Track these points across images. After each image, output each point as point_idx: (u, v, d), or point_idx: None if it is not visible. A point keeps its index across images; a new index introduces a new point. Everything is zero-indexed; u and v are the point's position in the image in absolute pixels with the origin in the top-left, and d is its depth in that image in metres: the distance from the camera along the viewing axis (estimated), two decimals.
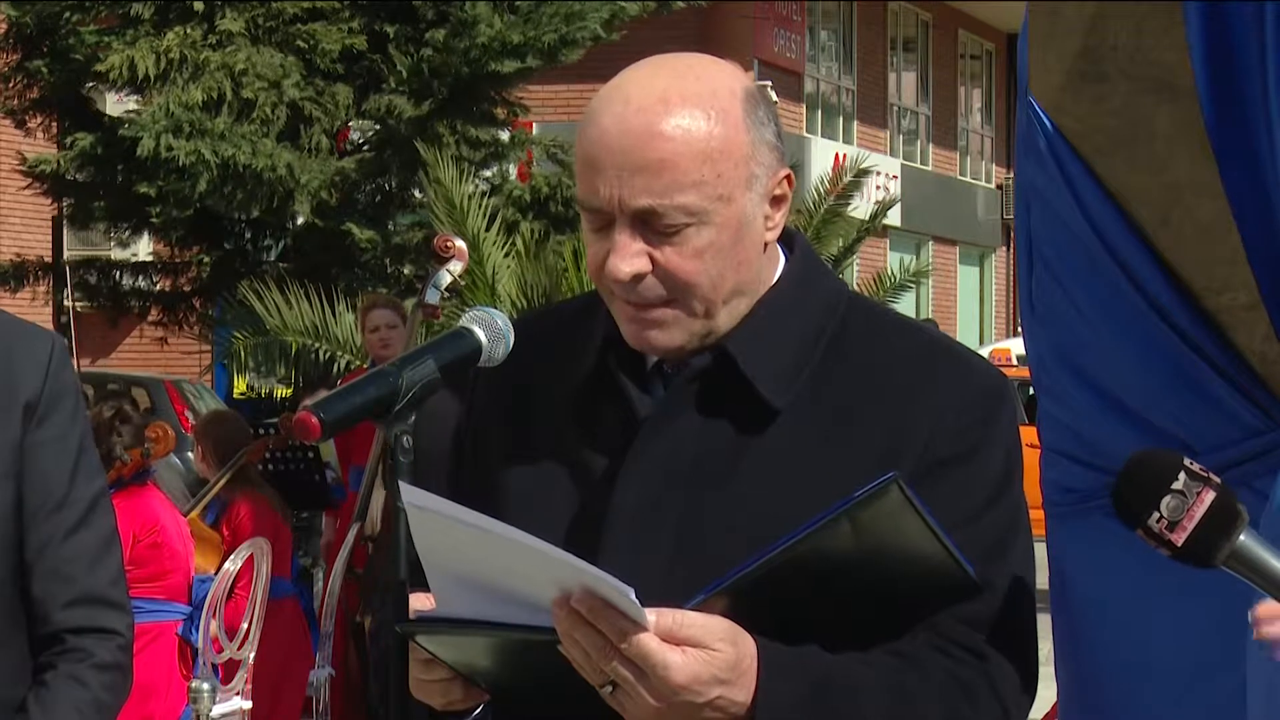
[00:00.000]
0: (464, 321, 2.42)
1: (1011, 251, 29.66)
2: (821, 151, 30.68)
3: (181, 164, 15.58)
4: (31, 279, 17.93)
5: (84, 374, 21.34)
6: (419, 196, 16.83)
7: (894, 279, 16.31)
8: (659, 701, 2.22)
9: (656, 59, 2.45)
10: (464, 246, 8.69)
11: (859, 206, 16.57)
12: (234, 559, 8.27)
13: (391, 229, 17.05)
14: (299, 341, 13.48)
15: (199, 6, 16.19)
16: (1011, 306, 38.21)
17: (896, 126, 36.96)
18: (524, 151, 17.88)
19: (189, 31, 16.13)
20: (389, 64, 16.42)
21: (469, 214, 12.48)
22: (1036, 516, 2.49)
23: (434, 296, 8.49)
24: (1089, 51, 2.80)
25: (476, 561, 2.24)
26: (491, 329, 2.41)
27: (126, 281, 18.15)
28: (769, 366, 2.43)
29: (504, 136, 17.41)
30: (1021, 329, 3.05)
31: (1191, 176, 2.72)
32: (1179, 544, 2.19)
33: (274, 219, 16.60)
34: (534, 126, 19.77)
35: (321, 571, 10.68)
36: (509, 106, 17.49)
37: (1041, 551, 2.61)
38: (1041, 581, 2.56)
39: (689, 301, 2.40)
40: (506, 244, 12.79)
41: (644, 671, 2.21)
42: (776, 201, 2.45)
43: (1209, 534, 2.18)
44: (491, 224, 12.75)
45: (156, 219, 16.46)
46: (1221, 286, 2.73)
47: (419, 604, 2.35)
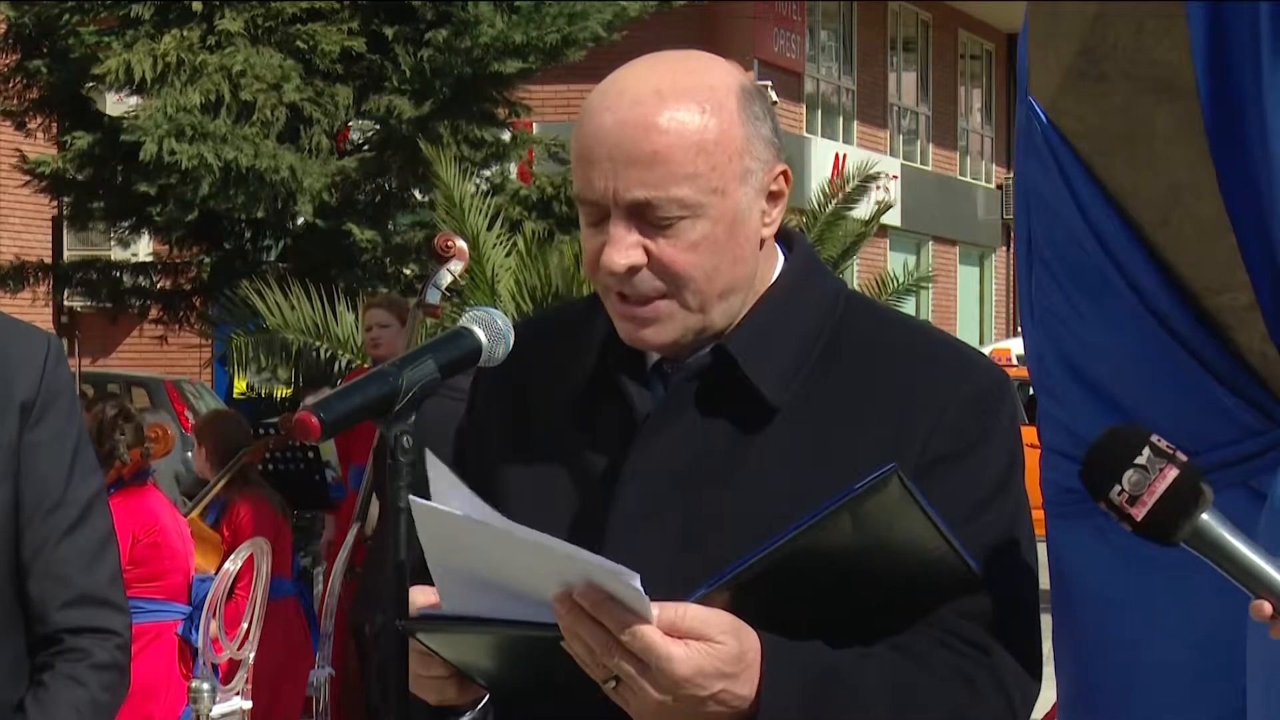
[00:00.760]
0: (464, 321, 2.42)
1: (1011, 252, 29.66)
2: (821, 151, 30.70)
3: (184, 168, 15.56)
4: (31, 279, 17.91)
5: (84, 374, 21.37)
6: (419, 196, 16.82)
7: (897, 283, 16.22)
8: (662, 695, 2.22)
9: (652, 55, 2.45)
10: (464, 246, 8.70)
11: (859, 207, 16.54)
12: (234, 559, 8.27)
13: (392, 229, 17.04)
14: (299, 339, 13.47)
15: (198, 7, 16.17)
16: (1011, 306, 38.20)
17: (896, 126, 36.96)
18: (525, 151, 17.88)
19: (186, 33, 16.11)
20: (389, 64, 16.40)
21: (469, 213, 12.47)
22: (1036, 516, 2.49)
23: (434, 296, 8.51)
24: (1089, 51, 2.80)
25: (479, 557, 2.24)
26: (491, 329, 2.41)
27: (127, 280, 18.13)
28: (769, 365, 2.43)
29: (505, 136, 17.40)
30: (1021, 329, 3.04)
31: (1191, 176, 2.72)
32: (1139, 519, 2.19)
33: (274, 219, 16.59)
34: (534, 126, 19.78)
35: (321, 571, 10.69)
36: (510, 106, 17.49)
37: (1042, 551, 2.61)
38: (1042, 581, 2.56)
39: (683, 295, 2.40)
40: (507, 244, 12.78)
41: (647, 665, 2.21)
42: (773, 197, 2.45)
43: (1170, 510, 2.19)
44: (492, 224, 12.74)
45: (158, 217, 16.45)
46: (1221, 286, 2.73)
47: (421, 598, 2.34)
